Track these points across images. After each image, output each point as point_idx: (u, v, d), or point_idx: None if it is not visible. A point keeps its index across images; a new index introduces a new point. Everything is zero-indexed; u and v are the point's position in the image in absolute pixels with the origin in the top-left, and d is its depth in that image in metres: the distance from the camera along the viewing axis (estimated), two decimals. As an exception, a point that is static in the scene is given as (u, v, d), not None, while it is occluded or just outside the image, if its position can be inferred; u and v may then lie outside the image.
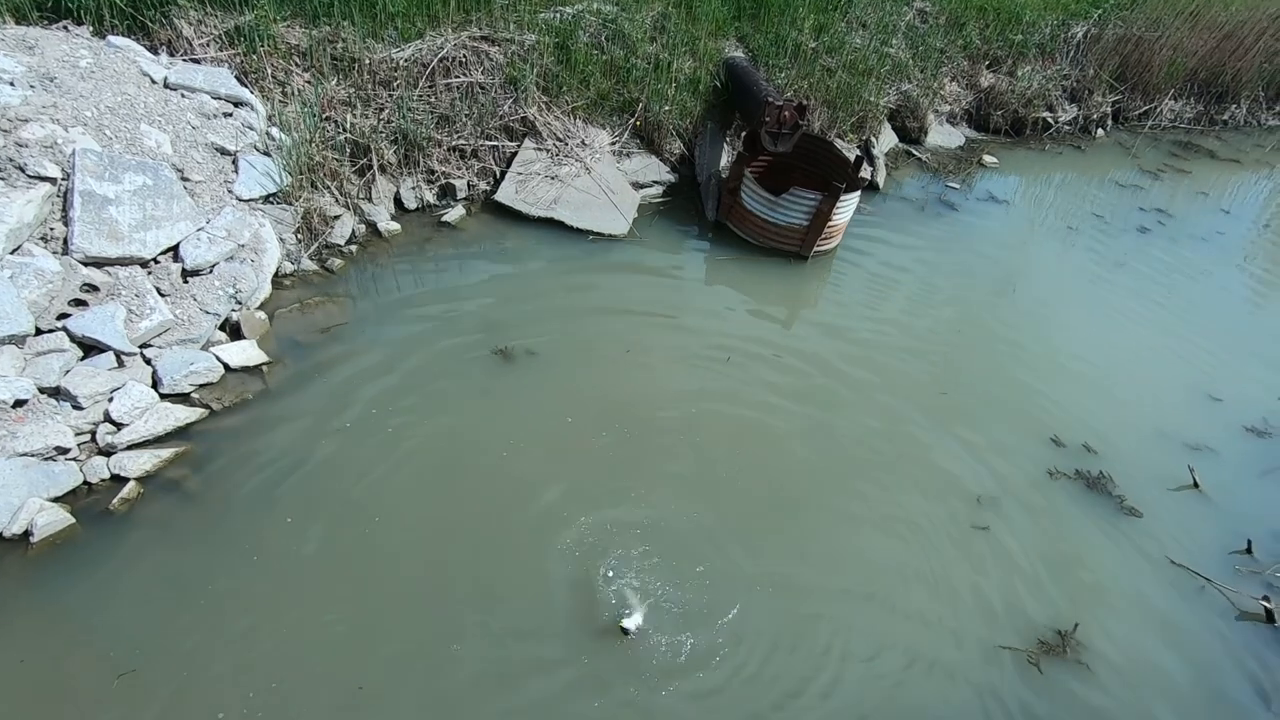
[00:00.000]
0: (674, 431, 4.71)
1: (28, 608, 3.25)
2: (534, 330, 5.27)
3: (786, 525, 4.25)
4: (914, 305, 6.41)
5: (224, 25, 5.99)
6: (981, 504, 4.60)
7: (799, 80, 8.14)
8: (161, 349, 4.37)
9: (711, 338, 5.56)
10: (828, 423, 5.01)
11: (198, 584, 3.46)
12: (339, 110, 6.13)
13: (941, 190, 8.50)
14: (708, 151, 7.54)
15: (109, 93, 4.91)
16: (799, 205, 6.32)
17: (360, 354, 4.86)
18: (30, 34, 5.05)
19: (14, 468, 3.56)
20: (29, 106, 4.50)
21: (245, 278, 4.89)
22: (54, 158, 4.36)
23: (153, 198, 4.63)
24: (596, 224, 6.51)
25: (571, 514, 4.07)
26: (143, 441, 3.97)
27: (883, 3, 9.47)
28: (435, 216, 6.33)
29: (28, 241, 4.13)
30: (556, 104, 7.05)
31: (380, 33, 6.49)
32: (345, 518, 3.85)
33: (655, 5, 8.02)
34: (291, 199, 5.54)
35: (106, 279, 4.33)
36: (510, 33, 6.98)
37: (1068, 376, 5.85)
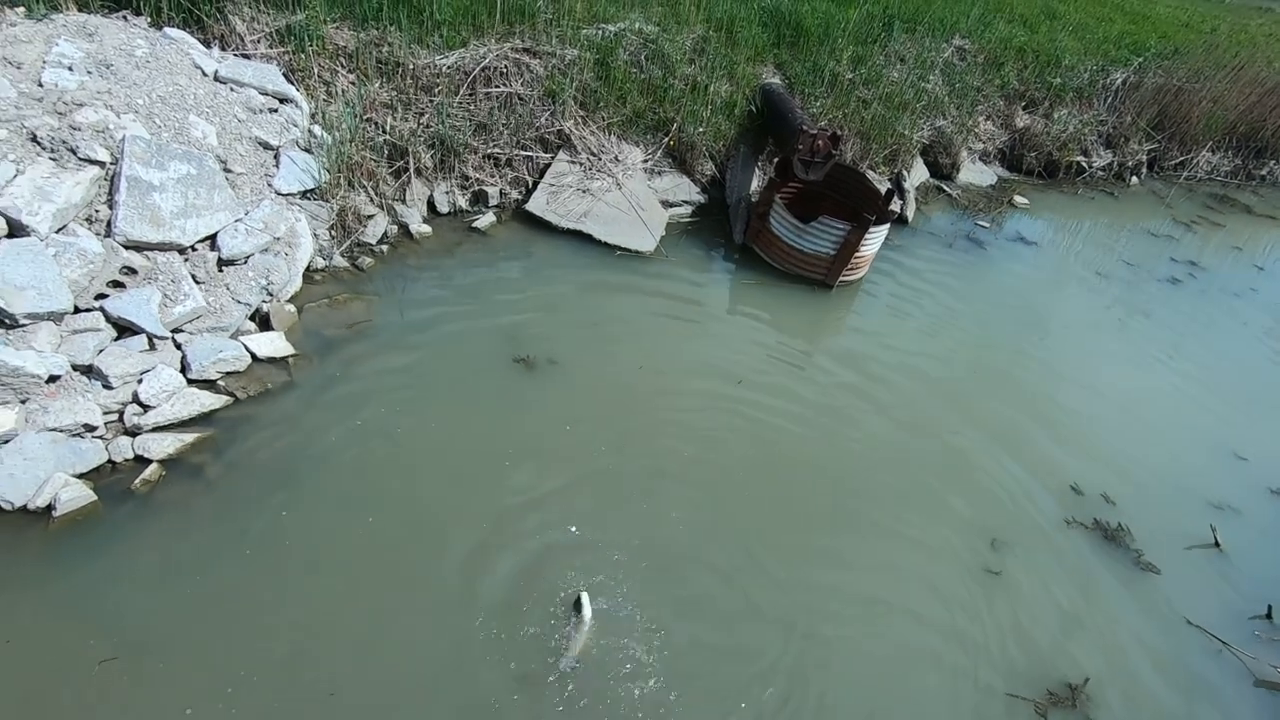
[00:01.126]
0: (682, 453, 4.70)
1: (41, 582, 3.30)
2: (556, 342, 5.30)
3: (789, 556, 4.22)
4: (936, 341, 6.38)
5: (276, 23, 6.14)
6: (996, 548, 4.54)
7: (834, 110, 8.18)
8: (192, 335, 4.45)
9: (731, 361, 5.57)
10: (839, 455, 4.98)
11: (203, 573, 3.48)
12: (380, 112, 6.25)
13: (971, 228, 8.47)
14: (739, 175, 7.59)
15: (161, 82, 5.04)
16: (827, 234, 6.33)
17: (383, 353, 4.91)
18: (91, 22, 5.20)
19: (43, 442, 3.63)
20: (85, 91, 4.63)
21: (278, 270, 4.98)
22: (104, 142, 4.48)
23: (195, 187, 4.73)
24: (624, 239, 6.56)
25: (566, 526, 4.07)
26: (168, 424, 4.04)
27: (922, 38, 9.52)
28: (466, 222, 6.41)
29: (73, 222, 4.24)
30: (593, 119, 7.14)
31: (426, 39, 6.62)
32: (348, 517, 3.86)
33: (696, 28, 8.12)
34: (328, 196, 5.64)
35: (145, 263, 4.43)
36: (552, 46, 7.10)
37: (1089, 424, 5.78)
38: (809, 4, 9.47)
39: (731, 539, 4.21)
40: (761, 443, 4.92)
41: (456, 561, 3.77)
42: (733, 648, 3.67)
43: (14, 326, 3.79)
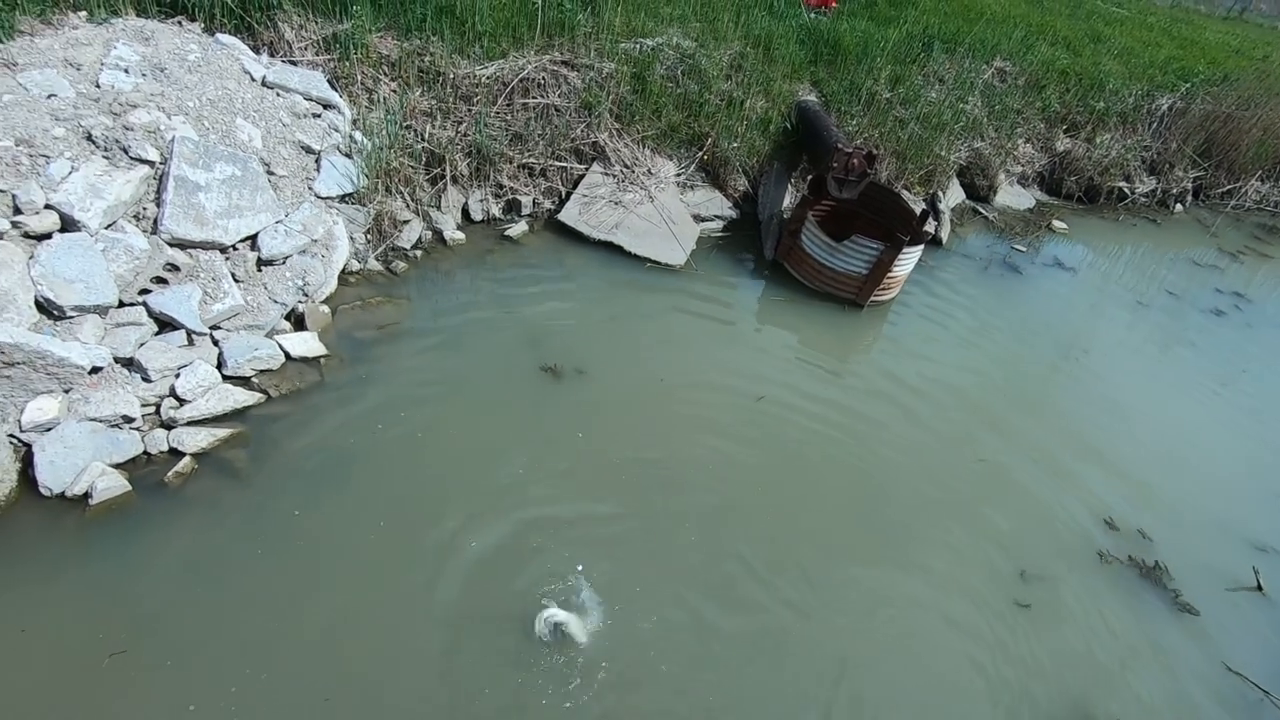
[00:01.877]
0: (704, 469, 4.67)
1: (72, 568, 3.38)
2: (583, 352, 5.31)
3: (810, 577, 4.15)
4: (967, 365, 6.26)
5: (323, 31, 6.30)
6: (1025, 579, 4.42)
7: (870, 129, 8.13)
8: (229, 332, 4.55)
9: (759, 377, 5.52)
10: (863, 477, 4.90)
11: (224, 570, 3.52)
12: (420, 120, 6.36)
13: (1007, 251, 8.33)
14: (771, 191, 7.56)
15: (211, 86, 5.19)
16: (860, 253, 6.27)
17: (413, 357, 4.96)
18: (148, 26, 5.39)
19: (83, 431, 3.73)
20: (139, 93, 4.78)
21: (314, 271, 5.07)
22: (155, 143, 4.62)
23: (239, 188, 4.85)
24: (655, 252, 6.57)
25: (582, 539, 4.05)
26: (202, 419, 4.12)
27: (962, 59, 9.43)
28: (499, 230, 6.48)
29: (122, 219, 4.37)
30: (627, 132, 7.18)
31: (467, 50, 6.73)
32: (364, 521, 3.89)
33: (734, 44, 8.14)
34: (365, 200, 5.75)
35: (188, 260, 4.54)
36: (590, 59, 7.16)
37: (1125, 455, 5.62)
38: (848, 22, 9.45)
39: (747, 558, 4.15)
40: (785, 462, 4.87)
41: (465, 571, 3.75)
42: (744, 676, 3.62)
43: (61, 318, 3.90)
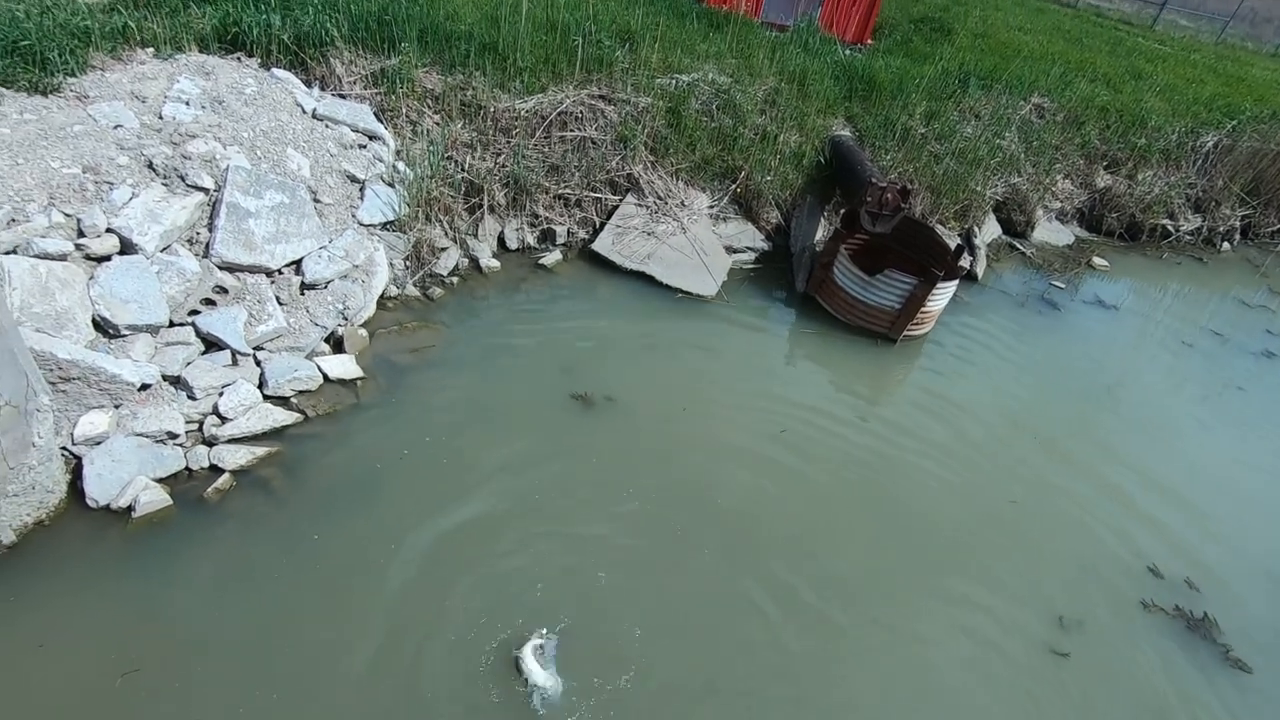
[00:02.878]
0: (730, 500, 4.63)
1: (110, 581, 3.47)
2: (613, 379, 5.34)
3: (830, 619, 4.05)
4: (1002, 402, 6.14)
5: (371, 66, 6.56)
6: (1064, 626, 4.27)
7: (904, 163, 8.13)
8: (271, 353, 4.69)
9: (788, 409, 5.48)
10: (892, 515, 4.81)
11: (251, 588, 3.59)
12: (460, 151, 6.56)
13: (1045, 288, 8.20)
14: (804, 224, 7.59)
15: (265, 118, 5.43)
16: (893, 288, 6.24)
17: (447, 382, 5.05)
18: (209, 62, 5.68)
19: (129, 445, 3.86)
20: (198, 124, 5.03)
21: (354, 296, 5.22)
22: (211, 171, 4.84)
23: (287, 215, 5.04)
24: (686, 283, 6.62)
25: (597, 569, 4.03)
26: (242, 437, 4.23)
27: (999, 95, 9.41)
28: (533, 258, 6.60)
29: (176, 243, 4.57)
30: (662, 164, 7.30)
31: (508, 84, 6.94)
32: (391, 544, 3.94)
33: (768, 80, 8.25)
34: (406, 228, 5.92)
35: (235, 283, 4.72)
36: (627, 94, 7.33)
37: (1169, 500, 5.42)
38: (883, 59, 9.53)
39: (763, 594, 4.09)
40: (813, 497, 4.80)
41: (478, 600, 3.76)
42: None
43: (115, 336, 4.08)
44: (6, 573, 3.40)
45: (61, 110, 4.64)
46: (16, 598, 3.31)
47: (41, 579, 3.41)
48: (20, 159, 4.16)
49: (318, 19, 6.23)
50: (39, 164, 4.20)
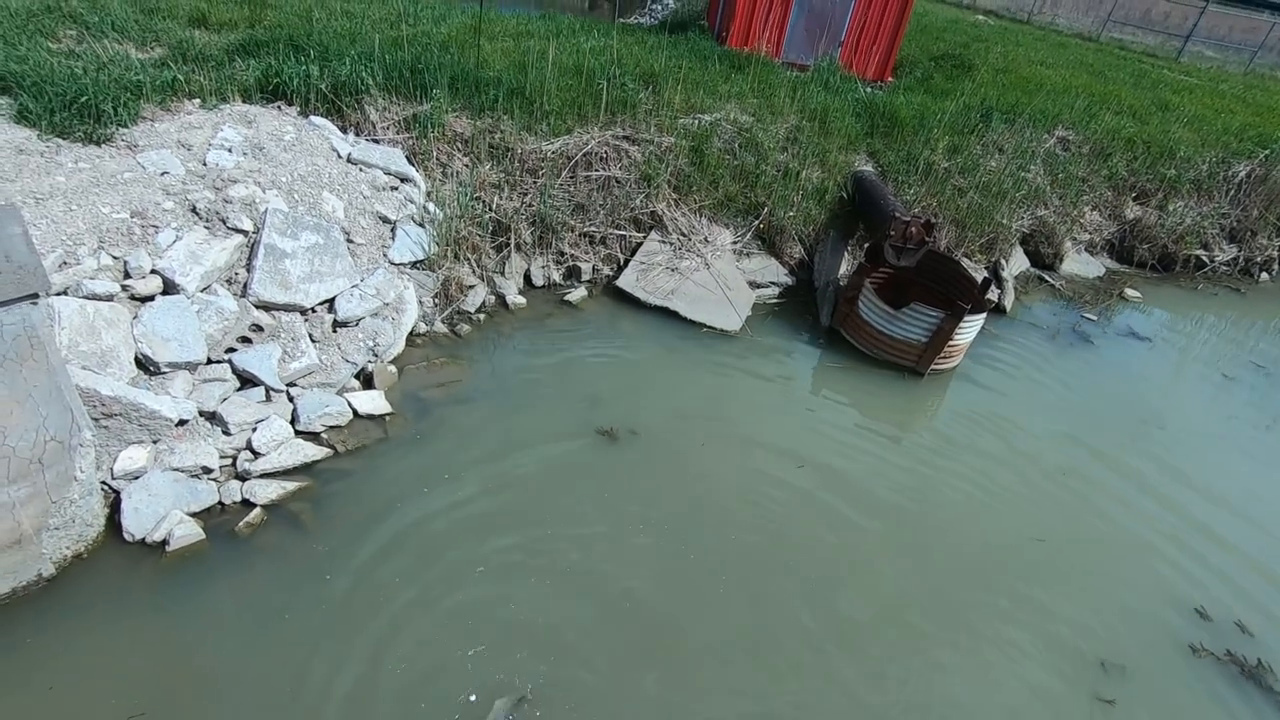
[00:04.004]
0: (754, 537, 4.57)
1: (145, 613, 3.53)
2: (638, 414, 5.35)
3: (859, 661, 3.94)
4: (1035, 437, 6.00)
5: (404, 112, 6.81)
6: (1107, 671, 4.10)
7: (928, 197, 8.14)
8: (303, 390, 4.80)
9: (813, 443, 5.43)
10: (919, 554, 4.69)
11: (276, 627, 3.61)
12: (488, 191, 6.73)
13: (1076, 320, 8.07)
14: (828, 258, 7.60)
15: (303, 163, 5.65)
16: (919, 321, 6.19)
17: (474, 418, 5.10)
18: (251, 111, 5.95)
19: (166, 480, 3.95)
20: (239, 170, 5.25)
21: (384, 333, 5.33)
22: (250, 214, 5.03)
23: (321, 255, 5.20)
24: (710, 318, 6.65)
25: (621, 602, 3.98)
26: (274, 472, 4.31)
27: (1022, 129, 9.42)
28: (559, 295, 6.69)
29: (216, 283, 4.73)
30: (685, 201, 7.41)
31: (535, 127, 7.14)
32: (420, 581, 3.95)
33: (790, 118, 8.38)
34: (435, 267, 6.06)
35: (271, 321, 4.86)
36: (650, 134, 7.49)
37: (1216, 539, 5.21)
38: (904, 96, 9.62)
39: (785, 634, 4.00)
40: (838, 534, 4.72)
41: (496, 647, 3.74)
42: (806, 755, 3.43)
43: (156, 373, 4.21)
44: (41, 606, 3.48)
45: (113, 159, 4.89)
46: (33, 639, 3.35)
47: (70, 614, 3.48)
48: (74, 205, 4.38)
49: (354, 69, 6.51)
50: (90, 210, 4.41)
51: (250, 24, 7.34)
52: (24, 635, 3.35)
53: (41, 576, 3.55)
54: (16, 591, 3.49)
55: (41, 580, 3.55)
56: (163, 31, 6.60)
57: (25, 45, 5.54)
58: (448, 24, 8.64)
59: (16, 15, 6.10)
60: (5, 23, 5.92)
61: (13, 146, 4.59)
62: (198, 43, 6.49)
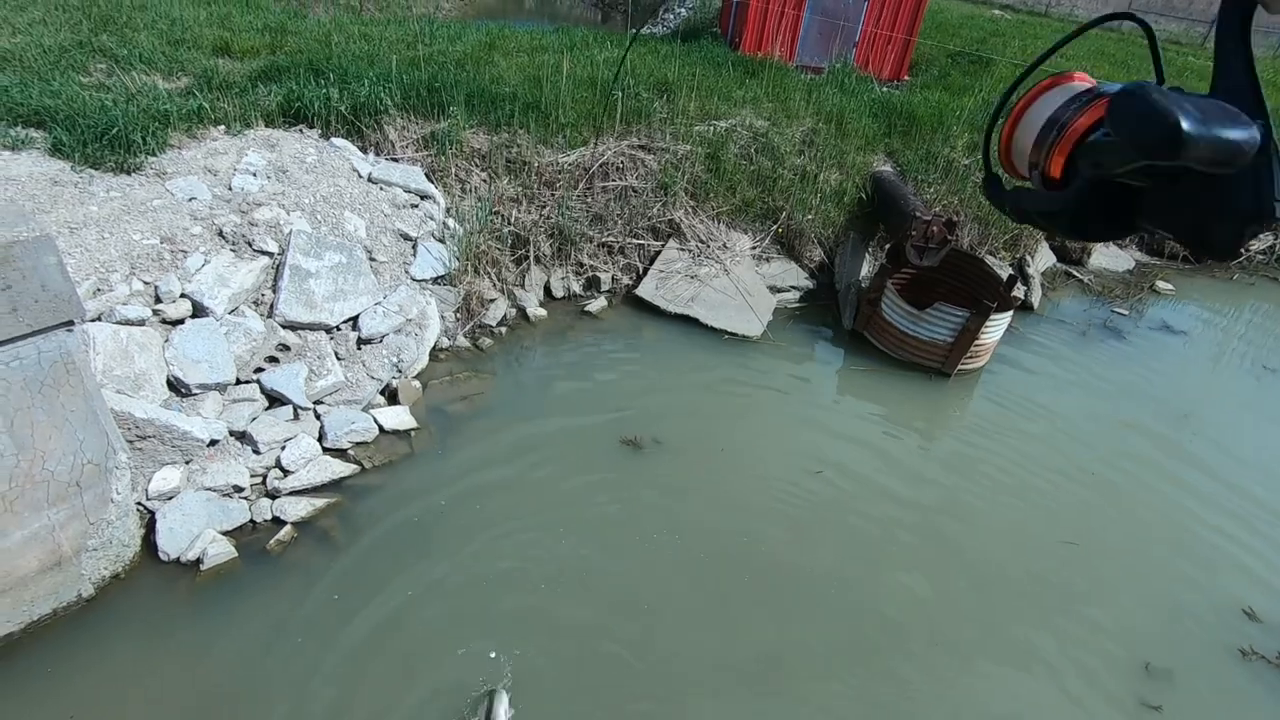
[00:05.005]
0: (781, 546, 4.52)
1: (181, 632, 3.58)
2: (662, 423, 5.34)
3: (895, 674, 3.87)
4: (1068, 437, 5.87)
5: (422, 130, 6.91)
6: (1151, 674, 3.97)
7: (949, 196, 8.04)
8: (330, 407, 4.86)
9: (840, 448, 5.37)
10: (954, 557, 4.60)
11: (311, 640, 3.64)
12: (506, 205, 6.79)
13: (1107, 315, 7.89)
14: (848, 261, 7.54)
15: (325, 184, 5.75)
16: (944, 321, 6.10)
17: (498, 431, 5.13)
18: (274, 135, 6.07)
19: (199, 500, 4.02)
20: (264, 193, 5.36)
21: (408, 349, 5.39)
22: (275, 236, 5.12)
23: (344, 274, 5.28)
24: (731, 324, 6.62)
25: (646, 628, 3.95)
26: (302, 489, 4.37)
27: (1043, 123, 9.25)
28: (579, 305, 6.72)
29: (243, 304, 4.82)
30: (702, 208, 7.40)
31: (551, 140, 7.20)
32: (444, 595, 3.96)
33: (805, 121, 8.34)
34: (456, 281, 6.12)
35: (297, 341, 4.93)
36: (666, 143, 7.50)
37: (1263, 538, 5.04)
38: (921, 94, 9.53)
39: (816, 647, 3.94)
40: (869, 540, 4.64)
41: (519, 651, 3.74)
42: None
43: (187, 395, 4.29)
44: (81, 626, 3.55)
45: (143, 187, 5.01)
46: (74, 659, 3.42)
47: (109, 634, 3.55)
48: (106, 233, 4.50)
49: (373, 90, 6.62)
50: (122, 237, 4.53)
51: (272, 50, 7.52)
52: (66, 655, 3.43)
53: (81, 597, 3.63)
54: (58, 612, 3.57)
55: (81, 600, 3.63)
56: (188, 61, 6.78)
57: (59, 80, 5.72)
58: (463, 42, 8.76)
59: (50, 52, 6.31)
60: (40, 59, 6.13)
61: (48, 178, 4.74)
62: (222, 71, 6.65)
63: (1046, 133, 0.97)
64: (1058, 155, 0.96)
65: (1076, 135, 0.93)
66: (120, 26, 7.35)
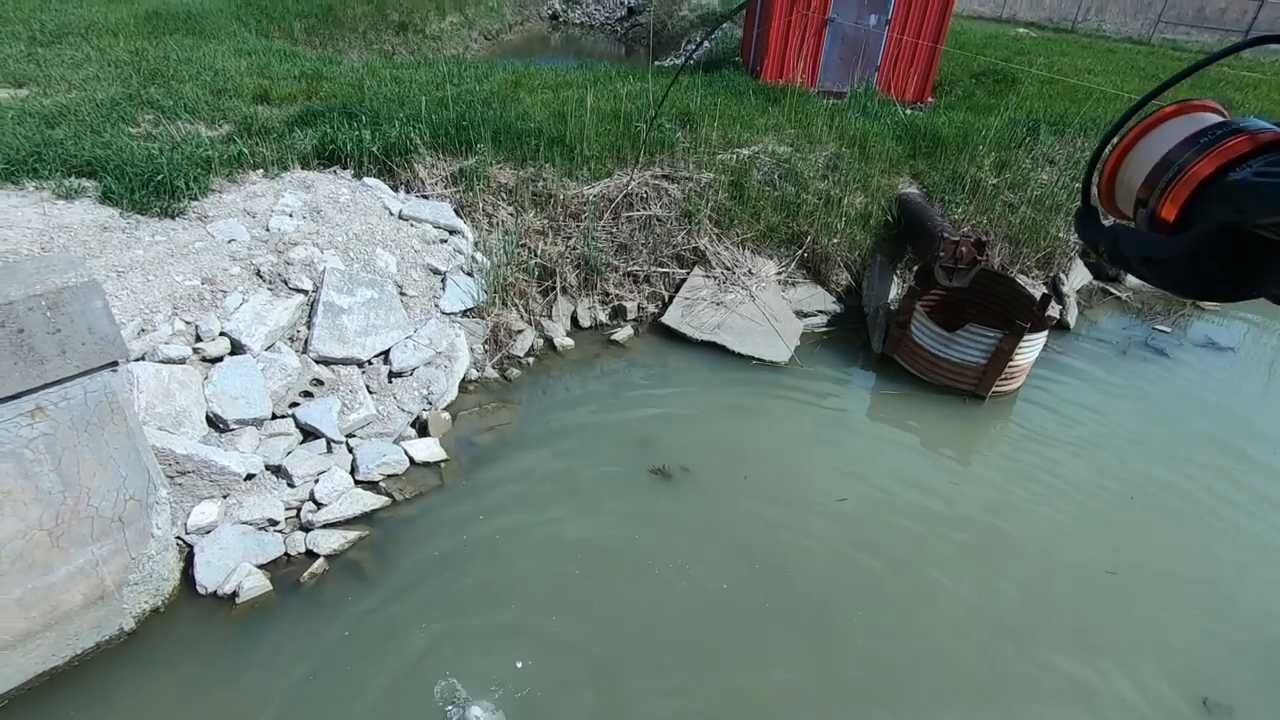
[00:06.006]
0: (810, 578, 4.42)
1: (216, 666, 3.64)
2: (690, 452, 5.31)
3: (937, 715, 3.73)
4: (1110, 461, 5.67)
5: (451, 168, 7.09)
6: (1210, 710, 3.77)
7: (977, 215, 7.94)
8: (362, 440, 4.94)
9: (870, 475, 5.27)
10: (991, 591, 4.44)
11: (343, 673, 3.67)
12: (533, 238, 6.90)
13: (1148, 333, 7.67)
14: (876, 284, 7.47)
15: (358, 223, 5.92)
16: (976, 343, 5.99)
17: (527, 462, 5.15)
18: (309, 176, 6.30)
19: (235, 533, 4.11)
20: (299, 233, 5.54)
21: (438, 381, 5.47)
22: (310, 274, 5.28)
23: (376, 309, 5.40)
24: (758, 350, 6.59)
25: (673, 668, 3.89)
26: (335, 522, 4.43)
27: (1073, 139, 9.14)
28: (605, 335, 6.76)
29: (279, 341, 4.96)
30: (727, 235, 7.43)
31: (575, 173, 7.33)
32: (474, 631, 3.96)
33: (828, 145, 8.36)
34: (484, 314, 6.22)
35: (330, 375, 5.05)
36: (689, 172, 7.58)
37: (1329, 566, 4.78)
38: (945, 115, 9.49)
39: (849, 685, 3.82)
40: (900, 573, 4.52)
41: (550, 683, 3.71)
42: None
43: (225, 430, 4.41)
44: (122, 659, 3.63)
45: (185, 230, 5.23)
46: (97, 703, 3.45)
47: (149, 667, 3.61)
48: (151, 276, 4.69)
49: (403, 130, 6.84)
50: (166, 279, 4.72)
51: (308, 96, 7.83)
52: (108, 689, 3.50)
53: (122, 630, 3.72)
54: (100, 645, 3.66)
55: (123, 634, 3.72)
56: (230, 109, 7.10)
57: (109, 132, 6.03)
58: (490, 81, 9.01)
59: (102, 105, 6.66)
60: (93, 113, 6.48)
61: (98, 225, 4.97)
62: (261, 117, 6.95)
63: (1162, 171, 0.85)
64: (1174, 197, 0.83)
65: (1200, 178, 0.81)
66: (167, 79, 7.73)
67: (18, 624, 3.32)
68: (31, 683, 3.46)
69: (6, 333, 2.87)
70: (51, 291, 2.96)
